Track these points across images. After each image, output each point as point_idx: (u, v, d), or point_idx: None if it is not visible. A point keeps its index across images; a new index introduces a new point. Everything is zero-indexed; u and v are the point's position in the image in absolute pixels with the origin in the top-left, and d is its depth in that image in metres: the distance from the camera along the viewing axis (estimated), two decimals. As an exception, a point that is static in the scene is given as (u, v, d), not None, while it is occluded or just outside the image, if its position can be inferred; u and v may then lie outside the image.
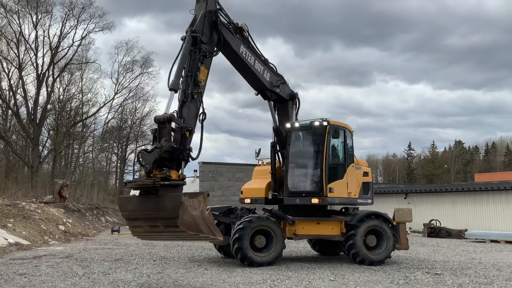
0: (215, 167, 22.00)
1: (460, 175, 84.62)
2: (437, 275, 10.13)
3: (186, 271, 10.37)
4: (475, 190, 23.82)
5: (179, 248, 15.57)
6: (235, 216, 12.01)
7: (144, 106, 52.38)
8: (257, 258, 11.10)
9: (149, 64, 48.56)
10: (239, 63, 11.56)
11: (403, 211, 12.55)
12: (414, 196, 26.75)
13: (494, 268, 11.49)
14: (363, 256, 11.66)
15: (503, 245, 18.10)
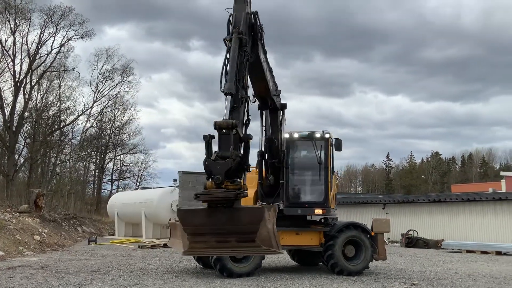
0: (195, 176, 21.85)
1: (437, 186, 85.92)
2: (414, 285, 10.23)
3: (164, 282, 10.26)
4: (452, 201, 24.21)
5: (157, 259, 15.40)
6: None
7: (123, 114, 51.89)
8: (236, 269, 11.04)
9: (129, 73, 48.19)
10: (257, 68, 10.62)
11: (381, 221, 12.63)
12: (392, 206, 27.03)
13: (470, 278, 11.67)
14: (342, 267, 11.69)
15: (479, 255, 18.39)
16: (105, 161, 53.42)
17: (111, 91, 47.82)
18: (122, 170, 55.77)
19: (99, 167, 52.57)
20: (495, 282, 10.91)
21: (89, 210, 41.79)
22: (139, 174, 56.60)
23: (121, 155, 54.90)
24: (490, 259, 16.74)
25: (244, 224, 7.37)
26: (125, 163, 55.51)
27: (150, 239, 23.66)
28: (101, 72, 47.23)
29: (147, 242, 21.60)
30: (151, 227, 25.32)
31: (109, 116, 51.05)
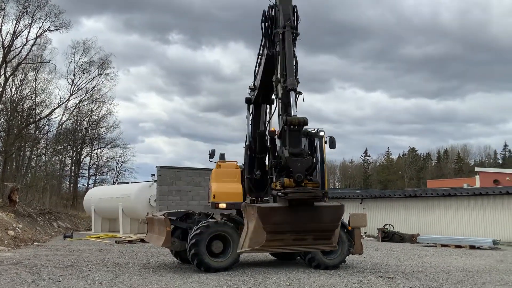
0: (174, 171, 21.76)
1: (413, 181, 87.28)
2: (390, 279, 10.37)
3: (140, 277, 10.17)
4: (427, 196, 24.63)
5: (134, 254, 15.28)
6: (193, 221, 11.91)
7: (100, 108, 51.32)
8: (214, 264, 11.04)
9: (107, 66, 47.63)
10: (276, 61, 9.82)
11: (358, 216, 12.74)
12: (369, 201, 27.37)
13: (444, 271, 11.89)
14: (319, 261, 11.79)
15: (453, 249, 18.76)
16: (82, 156, 52.82)
17: (88, 84, 47.28)
18: (99, 164, 55.23)
19: (75, 161, 51.88)
20: (468, 275, 11.14)
21: (65, 205, 41.21)
22: (116, 169, 56.10)
23: (98, 150, 54.38)
24: (464, 253, 17.09)
25: (325, 222, 7.52)
26: (102, 158, 54.99)
27: (128, 234, 23.46)
28: (78, 64, 46.59)
29: (124, 237, 21.40)
30: (128, 222, 25.12)
31: (86, 109, 50.48)
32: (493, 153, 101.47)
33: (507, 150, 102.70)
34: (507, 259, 15.16)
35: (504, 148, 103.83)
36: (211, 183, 12.61)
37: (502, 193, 21.56)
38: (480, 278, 10.72)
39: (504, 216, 20.85)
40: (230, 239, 11.32)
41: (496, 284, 9.92)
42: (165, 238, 11.28)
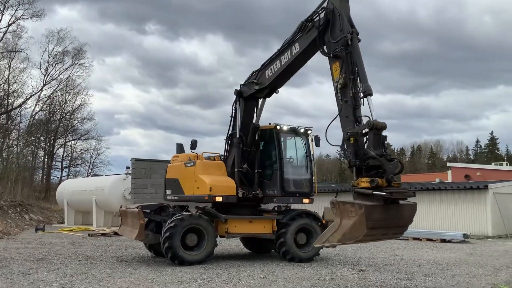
0: (149, 164, 21.53)
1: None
2: (362, 271, 10.52)
3: (112, 271, 10.06)
4: (400, 190, 25.00)
5: (107, 247, 15.10)
6: (167, 214, 11.85)
7: (75, 99, 50.40)
8: (188, 257, 11.00)
9: (81, 56, 46.78)
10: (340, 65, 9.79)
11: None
12: (344, 195, 27.60)
13: (415, 264, 12.12)
14: (293, 254, 11.88)
15: (424, 242, 19.13)
16: (55, 147, 51.84)
17: (62, 74, 46.39)
18: (73, 156, 54.26)
19: (48, 153, 50.90)
20: (438, 268, 11.38)
21: (37, 197, 40.45)
22: (91, 161, 55.25)
23: (72, 141, 53.42)
24: (435, 246, 17.45)
25: (407, 217, 8.28)
26: (76, 150, 54.04)
27: (101, 228, 23.17)
28: (51, 54, 45.58)
29: (98, 231, 21.13)
30: (102, 215, 24.80)
31: (59, 100, 49.50)
32: (465, 149, 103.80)
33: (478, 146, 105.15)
34: (477, 252, 15.55)
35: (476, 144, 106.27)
36: (200, 176, 11.92)
37: (473, 188, 22.08)
38: (450, 271, 10.97)
39: (474, 211, 21.38)
40: (205, 232, 11.29)
41: (465, 276, 10.16)
42: (138, 231, 11.16)
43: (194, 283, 8.70)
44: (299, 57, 10.96)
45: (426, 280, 9.60)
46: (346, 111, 9.21)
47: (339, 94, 9.36)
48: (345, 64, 9.31)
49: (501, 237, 21.58)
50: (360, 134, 8.62)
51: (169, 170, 13.23)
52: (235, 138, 12.37)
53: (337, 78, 9.45)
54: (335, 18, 9.74)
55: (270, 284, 8.80)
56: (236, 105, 12.60)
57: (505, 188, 23.21)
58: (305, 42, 10.58)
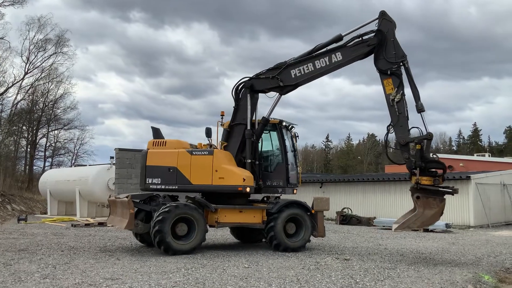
0: (133, 154, 21.30)
1: (372, 166, 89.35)
2: (346, 261, 10.59)
3: (96, 261, 9.97)
4: (384, 180, 25.26)
5: (91, 238, 14.97)
6: (157, 204, 11.83)
7: (57, 88, 49.60)
8: (178, 246, 11.05)
9: (64, 43, 46.01)
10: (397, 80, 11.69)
11: (321, 200, 12.94)
12: (329, 185, 27.81)
13: (398, 253, 12.24)
14: (282, 243, 11.98)
15: (408, 232, 19.30)
16: (38, 137, 51.06)
17: (44, 63, 45.58)
18: (56, 146, 53.56)
19: (31, 142, 50.16)
20: (421, 257, 11.51)
21: (20, 187, 39.91)
22: (74, 151, 54.63)
23: (55, 131, 52.69)
24: (418, 236, 17.66)
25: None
26: (59, 139, 53.32)
27: (85, 218, 22.97)
28: (33, 42, 44.75)
29: (81, 221, 20.94)
30: (86, 206, 24.58)
31: (42, 89, 48.70)
32: (448, 140, 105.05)
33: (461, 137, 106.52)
34: (459, 241, 15.78)
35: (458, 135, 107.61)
36: (225, 166, 11.89)
37: (455, 178, 22.35)
38: (433, 260, 11.10)
39: (457, 201, 21.61)
40: (195, 222, 11.32)
41: (447, 265, 10.29)
42: (128, 221, 11.07)
43: (178, 273, 8.67)
44: (338, 66, 12.13)
45: (409, 269, 9.70)
46: (401, 121, 11.30)
47: (396, 107, 11.32)
48: (401, 83, 11.36)
49: (483, 227, 21.94)
50: (419, 141, 10.97)
51: (153, 157, 12.18)
52: (247, 130, 12.36)
53: (393, 93, 11.36)
54: (388, 40, 11.50)
55: (255, 273, 8.81)
56: (247, 98, 12.52)
57: (487, 179, 23.57)
58: (350, 54, 11.94)
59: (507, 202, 24.89)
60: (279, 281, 8.09)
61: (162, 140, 12.56)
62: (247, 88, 12.59)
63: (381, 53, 11.56)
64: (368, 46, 11.72)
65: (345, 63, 12.05)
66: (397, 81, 11.41)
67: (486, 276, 9.10)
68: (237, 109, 12.71)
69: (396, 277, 8.67)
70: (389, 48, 11.51)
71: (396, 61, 11.38)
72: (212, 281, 7.96)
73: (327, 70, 12.16)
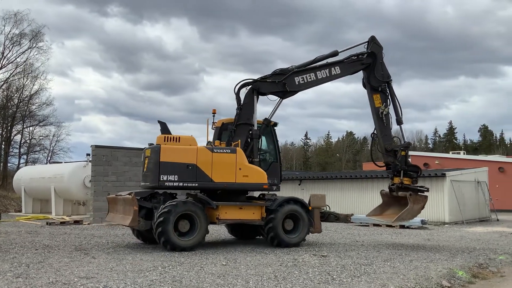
0: (110, 151, 20.99)
1: (350, 164, 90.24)
2: (323, 257, 10.65)
3: (70, 260, 9.80)
4: (361, 177, 25.51)
5: (66, 236, 14.73)
6: (158, 201, 11.90)
7: (33, 83, 48.57)
8: (181, 243, 11.20)
9: (40, 38, 45.08)
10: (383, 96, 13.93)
11: (317, 197, 13.26)
12: (308, 182, 27.95)
13: (375, 250, 12.37)
14: (281, 239, 12.28)
15: (384, 228, 19.58)
16: (12, 133, 49.90)
17: (19, 58, 44.57)
18: (31, 143, 52.48)
19: (5, 139, 49.00)
20: (397, 253, 11.66)
21: (-7, 185, 39.02)
22: (50, 148, 53.63)
23: (30, 127, 51.58)
24: (394, 232, 17.89)
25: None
26: (34, 136, 52.25)
27: (60, 216, 22.60)
28: (8, 36, 43.73)
29: (57, 219, 20.60)
30: (61, 204, 24.19)
31: (17, 84, 47.61)
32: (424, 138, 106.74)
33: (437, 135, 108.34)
34: (434, 238, 16.05)
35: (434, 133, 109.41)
36: (247, 164, 12.18)
37: (431, 175, 22.72)
38: (408, 256, 11.25)
39: (432, 198, 21.89)
40: (197, 219, 11.45)
41: (422, 261, 10.43)
42: (132, 217, 11.16)
43: (155, 271, 8.58)
44: (335, 77, 13.71)
45: (385, 265, 9.81)
46: (386, 131, 13.54)
47: (384, 119, 13.47)
48: (387, 99, 13.65)
49: (457, 223, 22.37)
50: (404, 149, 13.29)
51: (168, 153, 11.67)
52: (254, 130, 12.72)
53: (381, 107, 13.55)
54: (377, 61, 13.58)
55: (232, 271, 8.78)
56: (254, 99, 12.88)
57: (461, 176, 24.03)
58: (347, 69, 13.71)
59: (481, 199, 25.44)
60: (257, 278, 8.09)
61: (175, 136, 12.15)
62: (254, 90, 12.96)
63: (372, 72, 13.55)
64: (362, 65, 13.63)
65: (341, 76, 13.71)
66: (384, 97, 13.61)
67: (460, 271, 9.26)
68: (241, 109, 12.91)
69: (372, 273, 8.76)
70: (378, 68, 13.54)
71: (384, 80, 13.58)
72: (189, 279, 7.91)
73: (326, 81, 13.56)
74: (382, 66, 13.62)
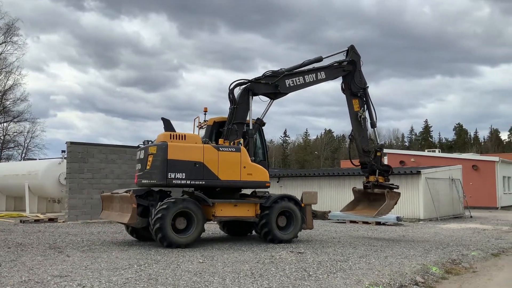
0: (86, 147, 20.67)
1: (329, 161, 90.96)
2: (300, 254, 10.72)
3: (44, 258, 9.64)
4: (339, 175, 25.74)
5: (40, 234, 14.47)
6: (154, 199, 11.99)
7: (7, 78, 47.65)
8: (178, 239, 11.30)
9: (14, 33, 44.18)
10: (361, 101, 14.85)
11: (310, 194, 13.63)
12: (286, 180, 28.06)
13: (351, 246, 12.51)
14: (274, 236, 12.55)
15: (360, 225, 19.81)
16: (-15, 129, 48.81)
17: (-8, 52, 43.52)
18: (5, 139, 51.42)
19: (-22, 135, 47.93)
20: (372, 250, 11.80)
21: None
22: (24, 145, 52.67)
23: (4, 123, 50.56)
24: (370, 229, 18.11)
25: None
26: (8, 132, 51.21)
27: (35, 214, 22.19)
28: (-20, 30, 42.64)
29: (31, 217, 20.22)
30: (35, 201, 23.73)
31: (-10, 79, 46.52)
32: (401, 136, 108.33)
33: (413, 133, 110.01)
34: (409, 234, 16.30)
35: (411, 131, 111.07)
36: (250, 163, 12.53)
37: (406, 173, 23.07)
38: (383, 252, 11.41)
39: (407, 195, 22.33)
40: (194, 216, 11.56)
41: (397, 257, 10.59)
42: (131, 215, 11.29)
43: (130, 269, 8.50)
44: (320, 81, 14.41)
45: (361, 261, 9.92)
46: (363, 133, 14.59)
47: (362, 122, 14.52)
48: (364, 104, 14.63)
49: (432, 220, 22.78)
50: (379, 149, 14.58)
51: (175, 151, 11.65)
52: (250, 130, 13.02)
53: (360, 111, 14.54)
54: (356, 69, 14.56)
55: (209, 268, 8.76)
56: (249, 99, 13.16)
57: (436, 174, 24.47)
58: (331, 75, 14.51)
59: (455, 196, 25.95)
60: (234, 275, 8.08)
61: (180, 133, 12.15)
62: (249, 90, 13.21)
63: (352, 79, 14.51)
64: (343, 71, 14.57)
65: (326, 80, 14.48)
66: (361, 102, 14.63)
67: (434, 267, 9.43)
68: (236, 109, 13.06)
69: (348, 269, 8.85)
70: (357, 75, 14.57)
71: (362, 86, 14.61)
72: (165, 277, 7.85)
73: (312, 84, 14.30)
74: (360, 73, 14.64)
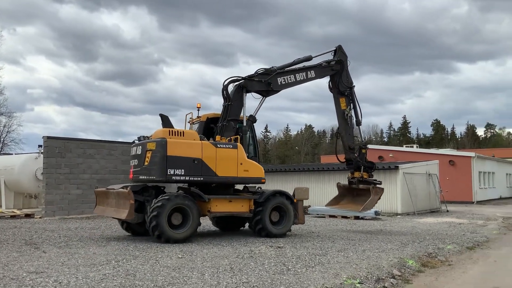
0: (63, 142, 20.36)
1: (309, 157, 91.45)
2: (279, 248, 10.77)
3: (20, 254, 9.49)
4: (319, 170, 25.91)
5: (16, 230, 14.23)
6: (149, 195, 12.03)
7: (-19, 72, 46.46)
8: (174, 235, 11.41)
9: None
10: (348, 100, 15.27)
11: (302, 189, 13.91)
12: (267, 175, 27.92)
13: (329, 240, 12.62)
14: (268, 231, 12.80)
15: (339, 220, 19.99)
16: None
17: (-34, 45, 42.42)
18: (-21, 134, 50.28)
19: (-49, 130, 46.73)
20: (350, 244, 11.93)
21: None
22: (0, 139, 51.61)
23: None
24: (349, 223, 18.30)
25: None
26: (-17, 127, 50.06)
27: (11, 209, 21.77)
28: (-48, 22, 41.50)
29: (7, 213, 19.85)
30: (12, 197, 23.28)
31: (-37, 73, 45.35)
32: (380, 132, 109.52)
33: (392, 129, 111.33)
34: (386, 228, 16.52)
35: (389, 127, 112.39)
36: (247, 159, 12.67)
37: (384, 168, 23.35)
38: (361, 246, 11.54)
39: (386, 189, 22.44)
40: (190, 212, 11.64)
41: (375, 251, 10.73)
42: (129, 211, 11.29)
43: (108, 265, 8.42)
44: (310, 80, 14.66)
45: (339, 255, 10.03)
46: (350, 131, 15.10)
47: (348, 120, 14.95)
48: (351, 102, 15.06)
49: (409, 214, 23.13)
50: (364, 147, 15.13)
51: (174, 147, 11.70)
52: (244, 127, 13.13)
53: (347, 110, 14.98)
54: (343, 69, 14.95)
55: (188, 263, 8.74)
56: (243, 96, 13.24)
57: (414, 169, 24.83)
58: (320, 74, 14.79)
59: (432, 191, 26.38)
60: (213, 270, 8.08)
61: (179, 130, 12.26)
62: (243, 87, 13.28)
63: (340, 78, 14.87)
64: (332, 70, 14.88)
65: (315, 79, 14.75)
66: (348, 100, 15.04)
67: (410, 261, 9.59)
68: (230, 107, 13.14)
69: (326, 263, 8.93)
70: (344, 75, 14.93)
71: (349, 85, 14.99)
72: (143, 272, 7.81)
73: (303, 82, 14.57)
74: (347, 73, 15.03)
